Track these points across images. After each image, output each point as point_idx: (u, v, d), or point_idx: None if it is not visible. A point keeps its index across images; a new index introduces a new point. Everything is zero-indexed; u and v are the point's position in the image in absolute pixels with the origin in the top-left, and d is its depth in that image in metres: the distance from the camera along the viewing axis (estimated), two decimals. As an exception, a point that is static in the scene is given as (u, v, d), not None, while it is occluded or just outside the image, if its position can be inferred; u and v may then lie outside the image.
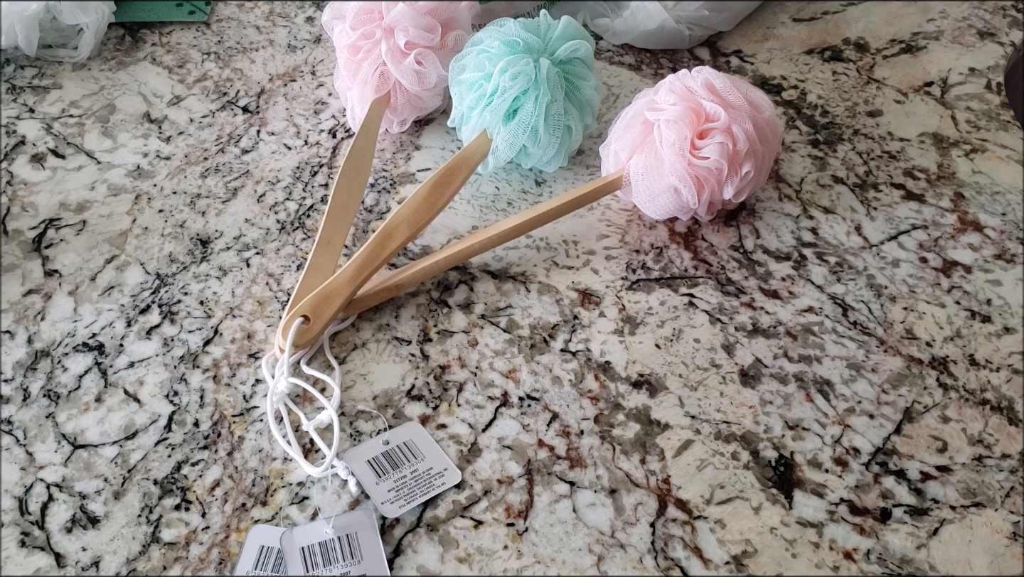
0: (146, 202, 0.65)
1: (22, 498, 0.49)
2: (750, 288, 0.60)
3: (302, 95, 0.74)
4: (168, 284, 0.60)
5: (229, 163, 0.68)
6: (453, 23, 0.68)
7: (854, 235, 0.63)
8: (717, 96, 0.59)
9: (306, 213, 0.64)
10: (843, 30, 0.80)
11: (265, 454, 0.51)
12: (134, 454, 0.51)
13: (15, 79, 0.74)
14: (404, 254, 0.62)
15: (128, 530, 0.48)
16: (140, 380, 0.55)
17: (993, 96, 0.73)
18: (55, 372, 0.55)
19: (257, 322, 0.58)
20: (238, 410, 0.53)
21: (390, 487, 0.50)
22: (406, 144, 0.70)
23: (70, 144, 0.69)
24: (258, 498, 0.50)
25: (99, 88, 0.74)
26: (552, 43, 0.63)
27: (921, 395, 0.54)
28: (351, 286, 0.56)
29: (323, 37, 0.79)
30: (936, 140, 0.69)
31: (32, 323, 0.57)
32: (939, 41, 0.78)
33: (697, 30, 0.76)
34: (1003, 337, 0.57)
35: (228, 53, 0.77)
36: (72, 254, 0.61)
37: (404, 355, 0.56)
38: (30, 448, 0.52)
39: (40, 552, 0.47)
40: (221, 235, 0.63)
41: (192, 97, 0.73)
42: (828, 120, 0.71)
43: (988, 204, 0.65)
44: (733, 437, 0.52)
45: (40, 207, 0.64)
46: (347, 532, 0.48)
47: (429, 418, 0.53)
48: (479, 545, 0.48)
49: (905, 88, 0.74)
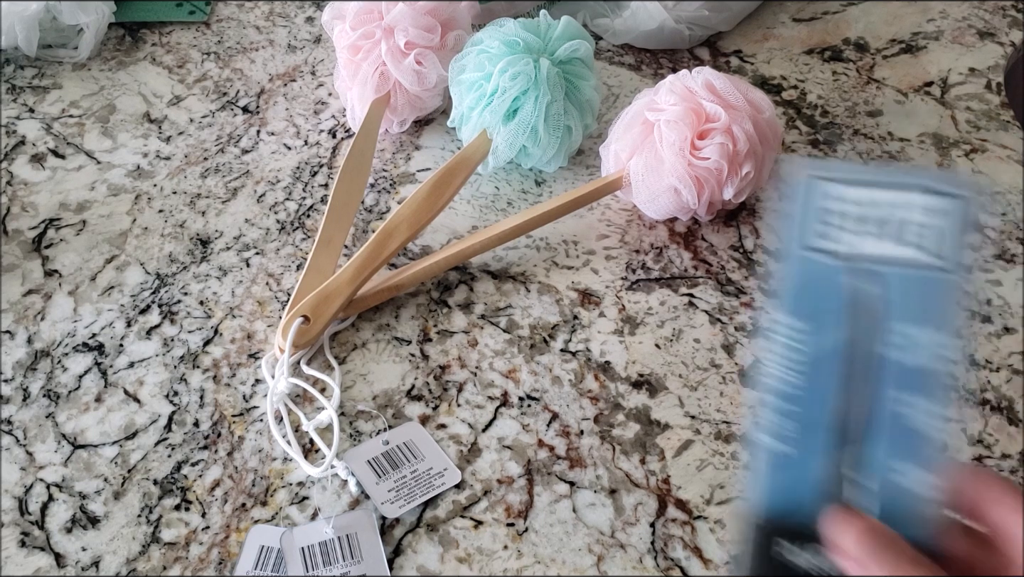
0: (146, 202, 0.65)
1: (22, 498, 0.49)
2: (750, 288, 0.60)
3: (302, 95, 0.74)
4: (168, 284, 0.60)
5: (229, 163, 0.68)
6: (453, 23, 0.68)
7: (854, 235, 0.63)
8: (717, 96, 0.59)
9: (306, 213, 0.64)
10: (843, 30, 0.80)
11: (265, 454, 0.51)
12: (134, 454, 0.51)
13: (15, 79, 0.74)
14: (404, 254, 0.62)
15: (128, 530, 0.48)
16: (140, 380, 0.55)
17: (993, 96, 0.73)
18: (55, 372, 0.55)
19: (257, 322, 0.58)
20: (238, 410, 0.53)
21: (390, 487, 0.50)
22: (406, 144, 0.70)
23: (70, 144, 0.69)
24: (258, 498, 0.50)
25: (99, 88, 0.74)
26: (552, 43, 0.63)
27: None
28: (351, 286, 0.56)
29: (323, 37, 0.79)
30: (936, 140, 0.69)
31: (32, 323, 0.57)
32: (939, 41, 0.78)
33: (697, 30, 0.76)
34: (1003, 337, 0.57)
35: (228, 53, 0.77)
36: (72, 254, 0.61)
37: (404, 355, 0.56)
38: (30, 448, 0.51)
39: (40, 552, 0.47)
40: (221, 235, 0.63)
41: (192, 97, 0.73)
42: (828, 120, 0.71)
43: (988, 204, 0.65)
44: (733, 437, 0.52)
45: (40, 207, 0.64)
46: (347, 532, 0.48)
47: (429, 418, 0.53)
48: (479, 545, 0.48)
49: (905, 88, 0.74)
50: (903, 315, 0.31)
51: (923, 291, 0.31)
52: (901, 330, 0.31)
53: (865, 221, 0.32)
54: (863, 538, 0.30)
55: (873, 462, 0.31)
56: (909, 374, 0.31)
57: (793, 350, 0.32)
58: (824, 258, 0.32)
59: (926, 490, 0.31)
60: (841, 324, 0.31)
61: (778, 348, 0.32)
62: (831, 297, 0.32)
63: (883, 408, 0.31)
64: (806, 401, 0.32)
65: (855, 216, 0.32)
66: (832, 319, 0.31)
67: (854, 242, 0.32)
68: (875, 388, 0.31)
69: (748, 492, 0.32)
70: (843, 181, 0.32)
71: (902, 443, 0.31)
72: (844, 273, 0.32)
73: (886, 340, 0.31)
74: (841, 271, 0.32)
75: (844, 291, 0.32)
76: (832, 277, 0.32)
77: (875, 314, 0.31)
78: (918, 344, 0.31)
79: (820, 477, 0.32)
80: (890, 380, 0.31)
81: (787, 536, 0.32)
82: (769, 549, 0.32)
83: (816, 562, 0.31)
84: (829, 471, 0.32)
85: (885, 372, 0.31)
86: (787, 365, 0.32)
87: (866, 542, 0.30)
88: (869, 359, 0.31)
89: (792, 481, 0.32)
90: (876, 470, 0.31)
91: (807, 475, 0.32)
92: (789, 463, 0.32)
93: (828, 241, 0.32)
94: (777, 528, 0.32)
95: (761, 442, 0.32)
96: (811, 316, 0.32)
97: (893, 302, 0.31)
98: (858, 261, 0.31)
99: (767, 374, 0.32)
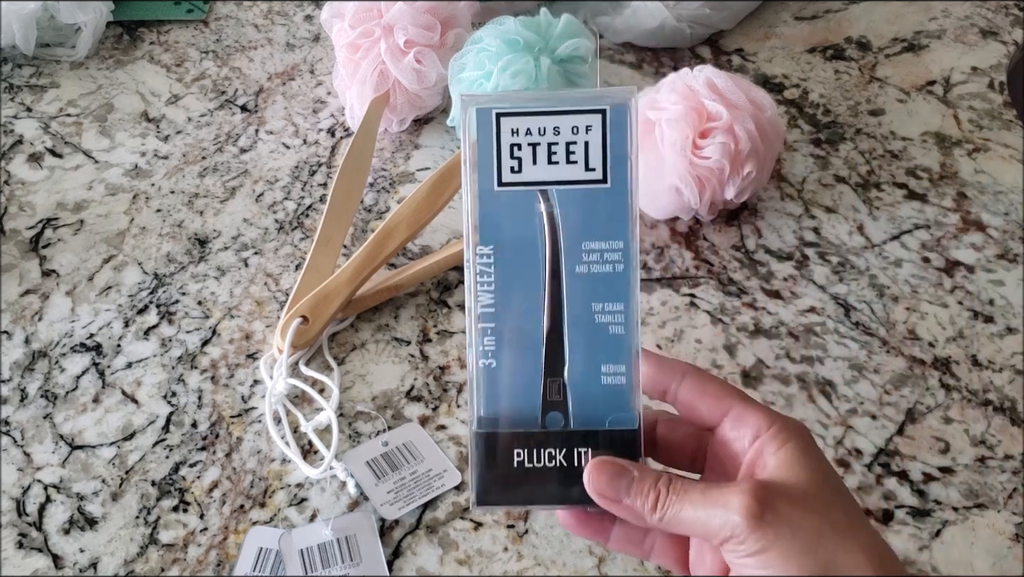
0: (144, 202, 0.65)
1: (20, 499, 0.49)
2: (752, 288, 0.59)
3: (301, 94, 0.73)
4: (166, 284, 0.59)
5: (227, 162, 0.68)
6: (453, 21, 0.67)
7: (856, 235, 0.62)
8: (719, 95, 0.59)
9: (305, 213, 0.64)
10: (845, 29, 0.79)
11: (263, 455, 0.51)
12: (132, 455, 0.51)
13: (12, 78, 0.74)
14: (403, 254, 0.62)
15: (126, 531, 0.48)
16: (138, 381, 0.54)
17: (996, 95, 0.73)
18: (53, 373, 0.55)
19: (255, 322, 0.57)
20: (236, 411, 0.53)
21: (389, 488, 0.49)
22: (405, 143, 0.69)
23: (68, 143, 0.69)
24: (256, 499, 0.49)
25: (97, 87, 0.73)
26: (552, 41, 0.63)
27: (923, 396, 0.54)
28: (350, 286, 0.56)
29: (322, 36, 0.78)
30: (938, 139, 0.69)
31: (30, 323, 0.57)
32: (941, 40, 0.78)
33: (698, 28, 0.76)
34: (1006, 337, 0.57)
35: (226, 52, 0.77)
36: (70, 254, 0.61)
37: (403, 356, 0.56)
38: (28, 449, 0.51)
39: (38, 553, 0.47)
40: (219, 235, 0.63)
41: (190, 96, 0.73)
42: (830, 119, 0.71)
43: (991, 204, 0.64)
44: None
45: (37, 207, 0.64)
46: (346, 534, 0.47)
47: (428, 419, 0.53)
48: (479, 547, 0.47)
49: (907, 87, 0.74)
50: (581, 230, 0.35)
51: (591, 204, 0.35)
52: (580, 244, 0.35)
53: (540, 147, 0.35)
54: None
55: (570, 363, 0.35)
56: (592, 281, 0.35)
57: (485, 274, 0.35)
58: (514, 189, 0.35)
59: (619, 381, 0.35)
60: (528, 245, 0.35)
61: (475, 276, 0.35)
62: (520, 222, 0.35)
63: (574, 314, 0.35)
64: (501, 317, 0.35)
65: (533, 144, 0.35)
66: (520, 241, 0.35)
67: (535, 170, 0.35)
68: (564, 298, 0.35)
69: (470, 410, 0.35)
70: (520, 113, 0.35)
71: (593, 343, 0.35)
72: (530, 198, 0.35)
73: (570, 254, 0.35)
74: (528, 197, 0.35)
75: (532, 215, 0.35)
76: (521, 203, 0.35)
77: (556, 232, 0.35)
78: (594, 253, 0.35)
79: (523, 383, 0.35)
80: (576, 289, 0.35)
81: (507, 440, 0.35)
82: (495, 456, 0.35)
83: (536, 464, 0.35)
84: (530, 376, 0.35)
85: (572, 283, 0.35)
86: (483, 288, 0.35)
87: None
88: (556, 273, 0.35)
89: (501, 389, 0.35)
90: (573, 370, 0.35)
91: (513, 381, 0.35)
92: (496, 374, 0.35)
93: (516, 174, 0.35)
94: (496, 434, 0.35)
95: (471, 363, 0.35)
96: (502, 241, 0.35)
97: (569, 218, 0.35)
98: (539, 186, 0.35)
99: (469, 302, 0.35)
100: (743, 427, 0.34)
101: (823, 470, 0.33)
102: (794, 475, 0.32)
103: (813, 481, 0.32)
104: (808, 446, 0.34)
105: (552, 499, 0.35)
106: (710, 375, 0.36)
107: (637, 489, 0.33)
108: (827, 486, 0.33)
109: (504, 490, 0.35)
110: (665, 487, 0.33)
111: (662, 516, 0.33)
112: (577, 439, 0.35)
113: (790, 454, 0.33)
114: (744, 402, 0.35)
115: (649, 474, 0.34)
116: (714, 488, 0.32)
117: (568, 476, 0.35)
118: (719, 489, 0.32)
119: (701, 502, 0.32)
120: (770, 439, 0.33)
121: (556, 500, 0.35)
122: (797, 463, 0.33)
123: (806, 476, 0.32)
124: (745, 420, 0.34)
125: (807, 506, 0.32)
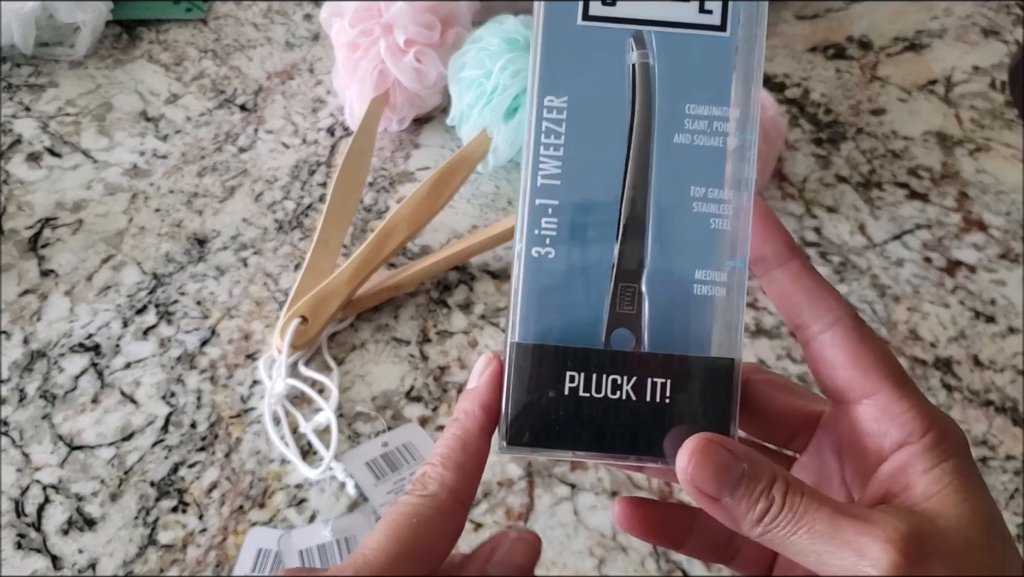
0: (143, 201, 0.65)
1: (18, 500, 0.49)
2: (753, 288, 0.59)
3: (300, 93, 0.73)
4: (165, 284, 0.59)
5: (226, 162, 0.67)
6: (453, 20, 0.67)
7: (858, 234, 0.62)
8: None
9: (304, 212, 0.64)
10: (846, 28, 0.79)
11: (263, 456, 0.51)
12: (131, 456, 0.51)
13: (11, 77, 0.74)
14: (403, 254, 0.61)
15: (125, 532, 0.48)
16: (137, 381, 0.54)
17: (997, 95, 0.73)
18: (51, 373, 0.55)
19: (255, 322, 0.57)
20: (235, 411, 0.53)
21: (389, 489, 0.49)
22: (405, 142, 0.69)
23: (66, 143, 0.69)
24: (256, 500, 0.49)
25: (96, 86, 0.73)
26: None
27: (925, 396, 0.53)
28: (350, 286, 0.56)
29: (321, 35, 0.78)
30: (940, 139, 0.69)
31: (28, 323, 0.57)
32: (943, 39, 0.78)
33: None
34: (1007, 338, 0.56)
35: (225, 51, 0.77)
36: (68, 254, 0.61)
37: (403, 356, 0.56)
38: (26, 449, 0.51)
39: (36, 554, 0.47)
40: (218, 234, 0.62)
41: (189, 95, 0.73)
42: (831, 118, 0.71)
43: (992, 203, 0.64)
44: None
45: (36, 206, 0.64)
46: (346, 535, 0.47)
47: (428, 419, 0.53)
48: (479, 548, 0.47)
49: (909, 86, 0.73)
50: (685, 89, 0.26)
51: (700, 56, 0.26)
52: (684, 106, 0.26)
53: None
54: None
55: (652, 264, 0.26)
56: (693, 157, 0.26)
57: (553, 134, 0.26)
58: (602, 26, 0.26)
59: (718, 293, 0.26)
60: (612, 104, 0.26)
61: (537, 137, 0.27)
62: (603, 73, 0.26)
63: (663, 199, 0.26)
64: (568, 194, 0.26)
65: None
66: (602, 98, 0.26)
67: (630, 5, 0.26)
68: (652, 177, 0.26)
69: (510, 316, 0.27)
70: None
71: (686, 240, 0.26)
72: (619, 43, 0.26)
73: (667, 119, 0.26)
74: (618, 40, 0.26)
75: (619, 65, 0.27)
76: (608, 47, 0.26)
77: (651, 88, 0.26)
78: (700, 121, 0.26)
79: (586, 285, 0.26)
80: (671, 167, 0.26)
81: (559, 357, 0.26)
82: (540, 377, 0.26)
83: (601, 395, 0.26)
84: (597, 277, 0.26)
85: (667, 157, 0.26)
86: (548, 154, 0.27)
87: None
88: (645, 144, 0.26)
89: (556, 290, 0.27)
90: (655, 273, 0.26)
91: (573, 281, 0.26)
92: (551, 269, 0.27)
93: (608, 7, 0.26)
94: (545, 347, 0.26)
95: (518, 253, 0.27)
96: (578, 95, 0.26)
97: (669, 72, 0.26)
98: (635, 25, 0.26)
99: (525, 174, 0.27)
100: (888, 422, 0.26)
101: (987, 509, 0.25)
102: (954, 514, 0.24)
103: (977, 525, 0.24)
104: (971, 468, 0.25)
105: (609, 446, 0.26)
106: (870, 333, 0.27)
107: (747, 490, 0.24)
108: (992, 532, 0.25)
109: (546, 428, 0.26)
110: (781, 495, 0.24)
111: (765, 532, 0.24)
112: (653, 366, 0.26)
113: (949, 480, 0.25)
114: (900, 388, 0.26)
115: (763, 470, 0.25)
116: (848, 520, 0.24)
117: (635, 415, 0.26)
118: (854, 523, 0.24)
119: (826, 534, 0.24)
120: (924, 451, 0.25)
121: (615, 447, 0.26)
122: (958, 494, 0.25)
123: (968, 517, 0.24)
124: (893, 414, 0.26)
125: (970, 563, 0.24)
